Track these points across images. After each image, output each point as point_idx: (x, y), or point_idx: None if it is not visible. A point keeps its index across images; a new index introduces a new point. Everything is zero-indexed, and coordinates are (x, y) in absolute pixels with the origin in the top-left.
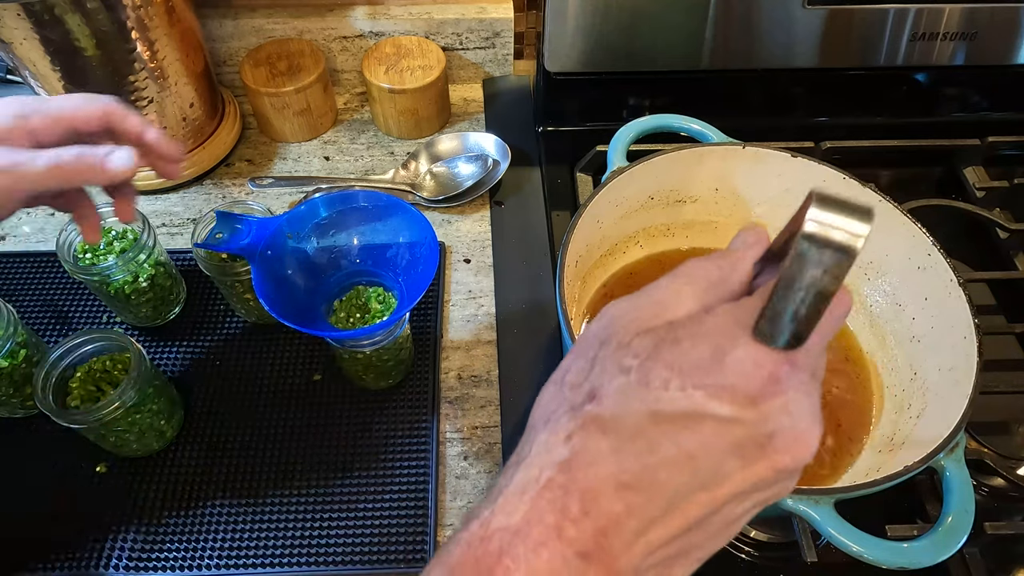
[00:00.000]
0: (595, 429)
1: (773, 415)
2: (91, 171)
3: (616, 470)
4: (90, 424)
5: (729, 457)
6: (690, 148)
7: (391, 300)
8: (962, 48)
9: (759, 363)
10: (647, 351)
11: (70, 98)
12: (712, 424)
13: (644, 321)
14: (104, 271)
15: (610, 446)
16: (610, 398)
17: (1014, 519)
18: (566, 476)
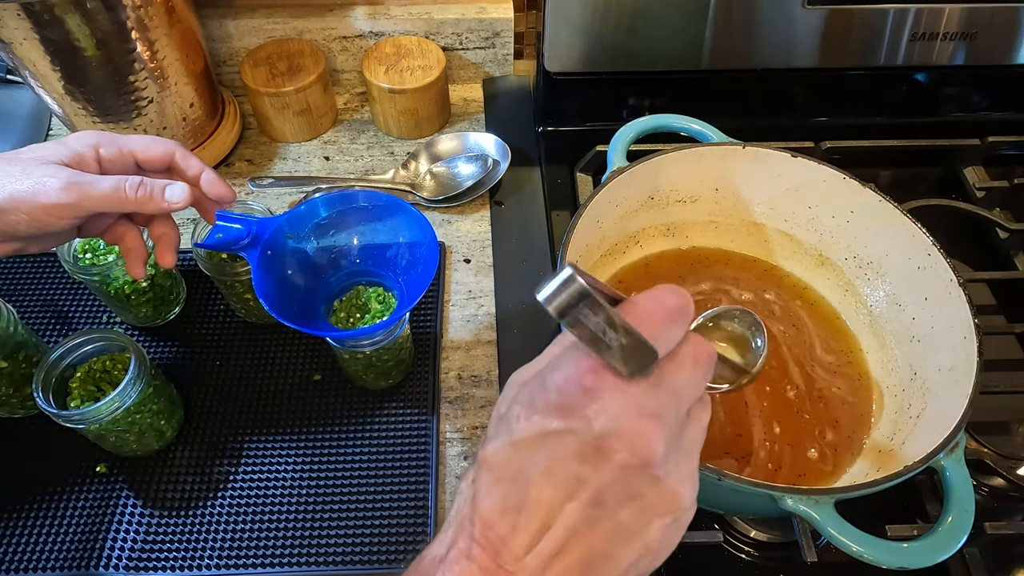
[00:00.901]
0: (484, 468)
1: (593, 418)
2: (149, 199)
3: (500, 497)
4: (90, 424)
5: (576, 464)
6: (690, 148)
7: (391, 300)
8: (962, 48)
9: (569, 378)
10: (511, 398)
11: (140, 137)
12: (552, 439)
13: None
14: (104, 271)
15: (492, 478)
16: (491, 441)
17: (1014, 519)
18: (470, 509)
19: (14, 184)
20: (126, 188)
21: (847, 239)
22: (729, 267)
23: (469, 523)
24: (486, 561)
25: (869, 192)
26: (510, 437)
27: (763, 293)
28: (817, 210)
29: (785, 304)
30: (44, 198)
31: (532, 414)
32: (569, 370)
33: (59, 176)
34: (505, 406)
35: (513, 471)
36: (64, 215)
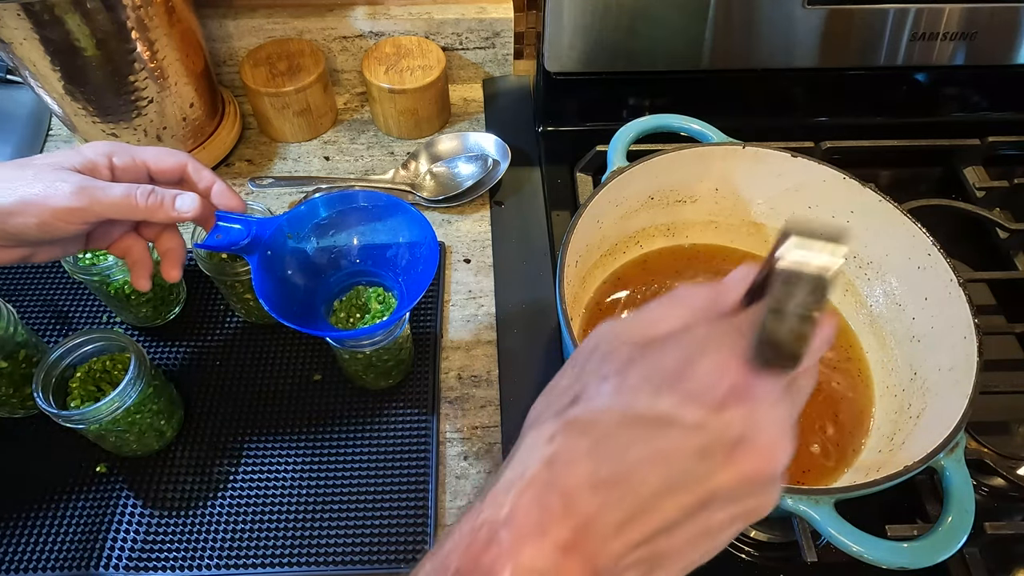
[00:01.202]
0: (575, 430)
1: (738, 422)
2: (159, 207)
3: (594, 469)
4: (90, 424)
5: (697, 461)
6: (690, 148)
7: (391, 300)
8: (962, 48)
9: (724, 370)
10: (626, 360)
11: (153, 148)
12: (680, 429)
13: (629, 336)
14: (104, 271)
15: (587, 446)
16: (591, 402)
17: (1014, 519)
18: (549, 473)
19: (26, 188)
20: (137, 195)
21: None
22: (728, 263)
23: (545, 489)
24: (565, 537)
25: (869, 192)
26: (625, 408)
27: None
28: (817, 210)
29: None
30: (55, 201)
31: (662, 393)
32: (722, 360)
33: (71, 181)
34: (608, 365)
35: (618, 445)
36: (74, 220)
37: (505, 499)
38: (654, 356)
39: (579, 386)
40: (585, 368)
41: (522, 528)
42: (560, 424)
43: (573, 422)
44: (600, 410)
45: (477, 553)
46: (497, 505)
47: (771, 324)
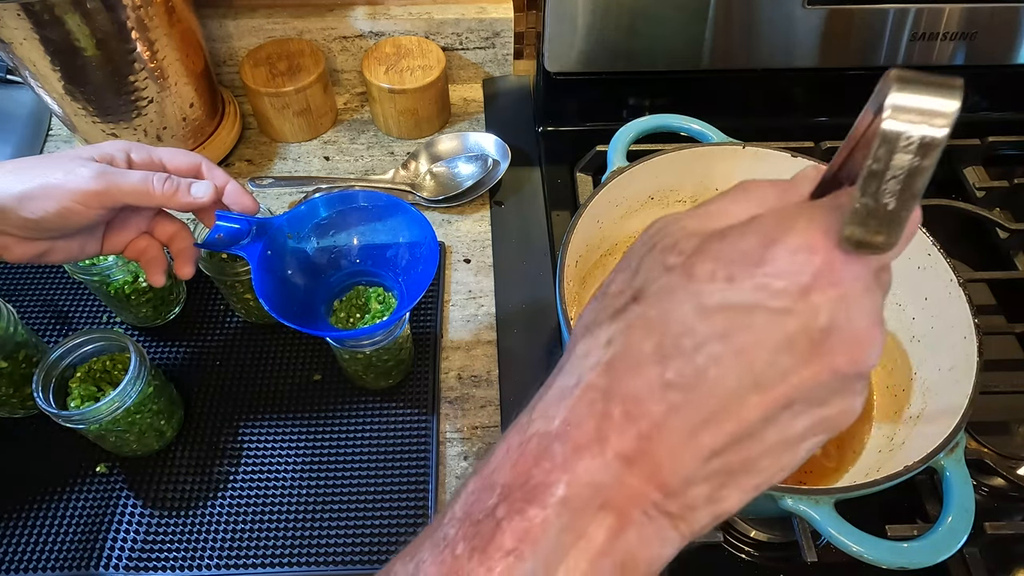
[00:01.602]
0: (638, 328)
1: (827, 308)
2: (175, 192)
3: (660, 369)
4: (90, 424)
5: (782, 354)
6: (690, 148)
7: (391, 300)
8: (962, 48)
9: (813, 250)
10: (693, 248)
11: (168, 149)
12: (762, 316)
13: (692, 227)
14: (104, 271)
15: (653, 345)
16: (654, 296)
17: (1014, 519)
18: (607, 378)
19: (47, 174)
20: (154, 181)
21: None
22: None
23: (603, 396)
24: (627, 446)
25: None
26: (696, 298)
27: None
28: None
29: None
30: (74, 184)
31: (739, 278)
32: (810, 238)
33: (90, 166)
34: (672, 256)
35: (690, 341)
36: (93, 204)
37: (557, 409)
38: (728, 240)
39: (638, 282)
40: (643, 264)
41: (578, 439)
42: (620, 324)
43: (635, 320)
44: (667, 304)
45: (527, 468)
46: (548, 417)
47: (870, 191)
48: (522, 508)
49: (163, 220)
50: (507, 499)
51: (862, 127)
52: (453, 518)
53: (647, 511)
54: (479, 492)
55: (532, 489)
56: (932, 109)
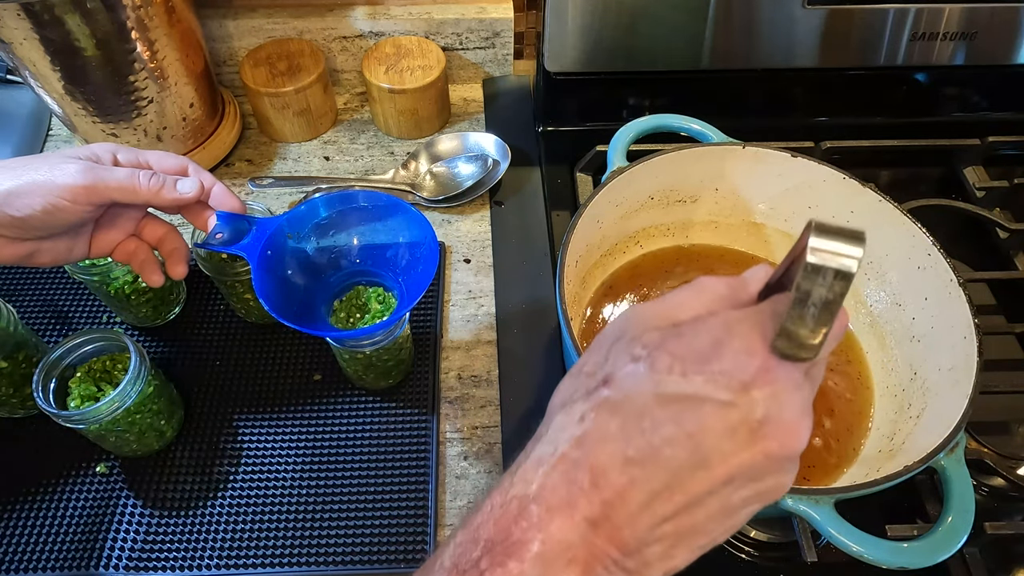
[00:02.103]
0: (606, 410)
1: (763, 402)
2: (162, 188)
3: (623, 446)
4: (90, 424)
5: (725, 438)
6: (690, 148)
7: (391, 300)
8: (962, 48)
9: (753, 353)
10: (655, 343)
11: (155, 151)
12: (710, 407)
13: (655, 320)
14: (104, 271)
15: (618, 425)
16: (620, 382)
17: (1014, 519)
18: (579, 451)
19: (32, 172)
20: (140, 177)
21: None
22: (728, 264)
23: (574, 467)
24: (593, 511)
25: (869, 192)
26: (655, 387)
27: None
28: (817, 210)
29: None
30: (61, 180)
31: (691, 372)
32: (751, 344)
33: (76, 163)
34: (637, 347)
35: (649, 423)
36: (79, 200)
37: (535, 475)
38: (684, 338)
39: (608, 367)
40: (612, 351)
41: (551, 502)
42: (591, 404)
43: (604, 402)
44: (631, 390)
45: (507, 525)
46: (526, 481)
47: (796, 313)
48: (503, 561)
49: (151, 222)
50: (490, 552)
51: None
52: (442, 567)
53: (608, 567)
54: (465, 544)
55: (512, 545)
56: (843, 252)
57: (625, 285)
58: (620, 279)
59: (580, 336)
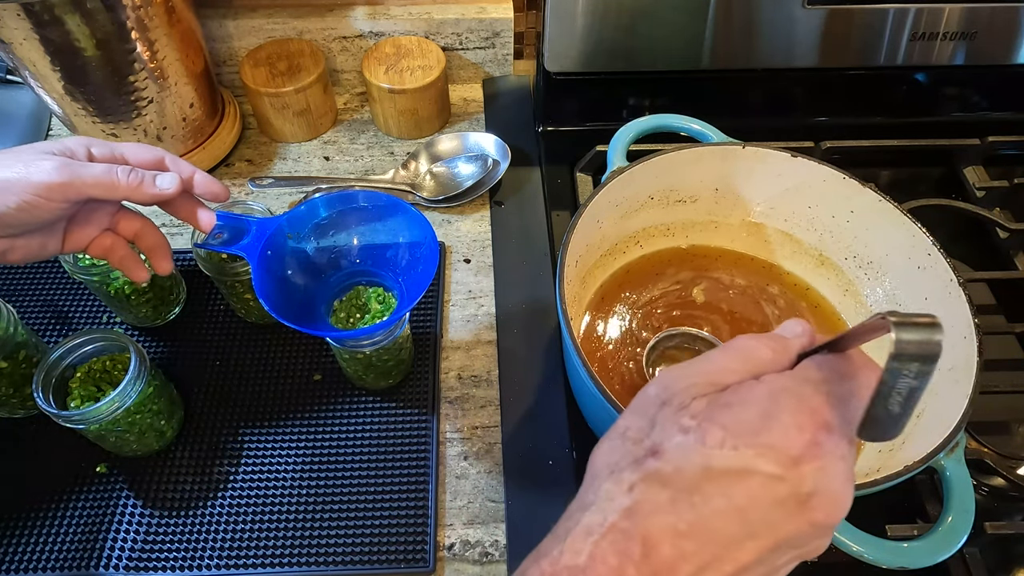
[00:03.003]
0: (656, 481)
1: (812, 476)
2: (140, 184)
3: (674, 519)
4: (90, 424)
5: (774, 510)
6: (690, 148)
7: (391, 300)
8: (962, 48)
9: (802, 428)
10: (703, 413)
11: (131, 144)
12: (759, 480)
13: (700, 387)
14: (104, 271)
15: (669, 497)
16: (670, 454)
17: (1014, 519)
18: (629, 522)
19: (7, 169)
20: (118, 173)
21: (847, 239)
22: (728, 264)
23: (624, 538)
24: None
25: (869, 192)
26: (705, 461)
27: (765, 288)
28: (817, 210)
29: (789, 302)
30: (37, 177)
31: (742, 446)
32: (802, 419)
33: (51, 159)
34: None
35: (699, 497)
36: (55, 196)
37: (584, 545)
38: (732, 410)
39: (656, 436)
40: (658, 419)
41: (602, 573)
42: (640, 474)
43: (654, 473)
44: (681, 463)
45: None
46: (576, 551)
47: (881, 402)
48: None
49: (126, 216)
50: None
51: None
52: None
53: None
54: None
55: None
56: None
57: (625, 285)
58: (620, 279)
59: (580, 336)
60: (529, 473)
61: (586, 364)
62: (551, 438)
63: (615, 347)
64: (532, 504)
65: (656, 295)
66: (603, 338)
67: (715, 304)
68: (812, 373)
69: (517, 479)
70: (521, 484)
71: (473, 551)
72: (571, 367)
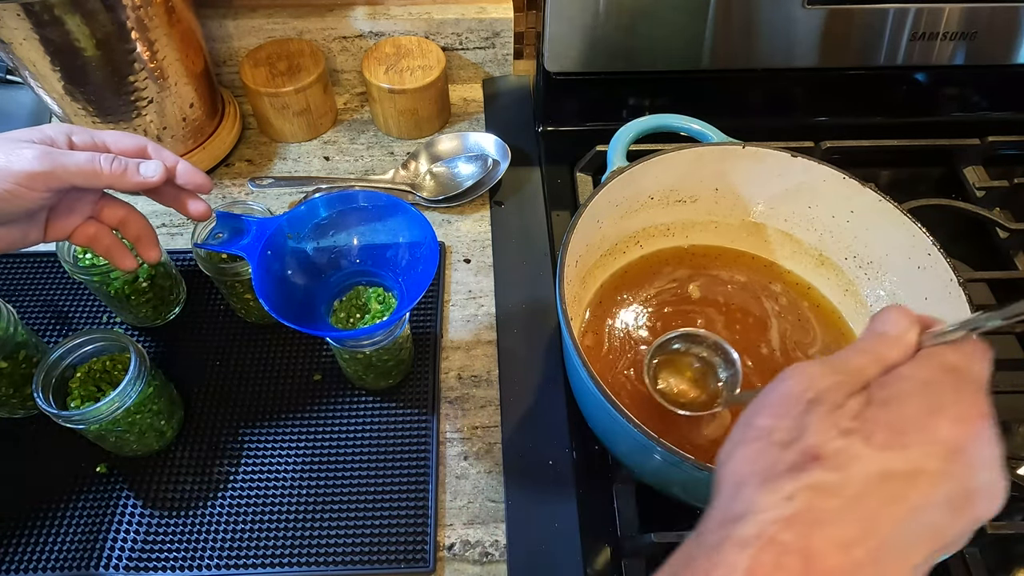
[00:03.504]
0: (820, 489)
1: (977, 468)
2: (124, 172)
3: (841, 529)
4: (90, 424)
5: (943, 510)
6: (690, 148)
7: (391, 300)
8: (962, 48)
9: (964, 419)
10: (862, 413)
11: (112, 132)
12: (929, 479)
13: (850, 385)
14: (104, 271)
15: (836, 506)
16: (833, 459)
17: (1014, 519)
18: (790, 534)
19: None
20: (101, 161)
21: (847, 239)
22: (728, 264)
23: (784, 551)
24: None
25: (869, 192)
26: (872, 464)
27: (766, 288)
28: (817, 210)
29: (791, 302)
30: (18, 166)
31: (910, 444)
32: (962, 408)
33: (33, 148)
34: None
35: (871, 502)
36: (37, 185)
37: (740, 558)
38: (891, 408)
39: (813, 440)
40: (809, 420)
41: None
42: (801, 483)
43: (815, 482)
44: (846, 467)
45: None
46: (731, 565)
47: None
48: None
49: (109, 204)
50: None
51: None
52: None
53: None
54: None
55: None
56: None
57: (625, 285)
58: (620, 279)
59: (580, 336)
60: (529, 473)
61: (586, 364)
62: (551, 438)
63: (615, 347)
64: (532, 504)
65: (656, 295)
66: (603, 338)
67: (715, 304)
68: (950, 358)
69: (517, 479)
70: (521, 484)
71: (473, 551)
72: (571, 367)
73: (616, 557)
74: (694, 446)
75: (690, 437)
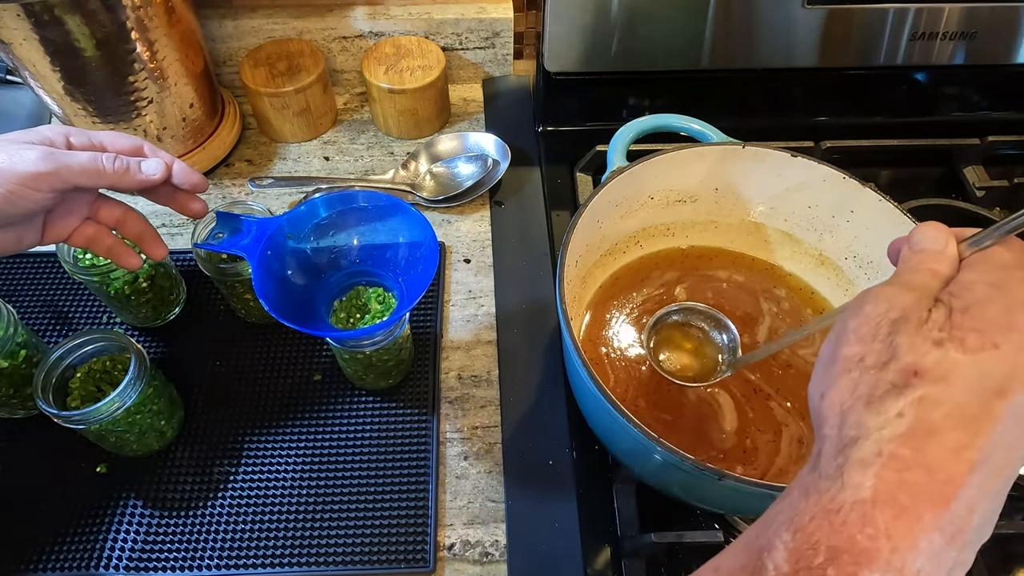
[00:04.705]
0: (928, 402)
1: None
2: (126, 171)
3: (956, 435)
4: (90, 424)
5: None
6: (690, 148)
7: (391, 300)
8: (962, 48)
9: None
10: (947, 322)
11: (108, 132)
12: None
13: (928, 298)
14: (104, 271)
15: (944, 414)
16: (933, 370)
17: (1014, 519)
18: (907, 448)
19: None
20: (103, 160)
21: (847, 239)
22: (728, 264)
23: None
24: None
25: (869, 192)
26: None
27: (767, 290)
28: (817, 210)
29: (792, 302)
30: (22, 167)
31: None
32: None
33: (35, 149)
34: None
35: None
36: (41, 186)
37: (864, 477)
38: (973, 311)
39: (908, 356)
40: (898, 339)
41: (892, 506)
42: (908, 399)
43: (922, 395)
44: (948, 376)
45: (852, 533)
46: (857, 486)
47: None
48: (853, 572)
49: (106, 204)
50: (835, 561)
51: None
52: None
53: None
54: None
55: (860, 554)
56: None
57: (625, 285)
58: (620, 279)
59: (580, 337)
60: (529, 473)
61: (586, 364)
62: (551, 438)
63: (615, 347)
64: (532, 504)
65: (656, 295)
66: (603, 338)
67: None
68: (1006, 257)
69: (517, 479)
70: (521, 484)
71: (473, 551)
72: (571, 367)
73: (616, 557)
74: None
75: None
